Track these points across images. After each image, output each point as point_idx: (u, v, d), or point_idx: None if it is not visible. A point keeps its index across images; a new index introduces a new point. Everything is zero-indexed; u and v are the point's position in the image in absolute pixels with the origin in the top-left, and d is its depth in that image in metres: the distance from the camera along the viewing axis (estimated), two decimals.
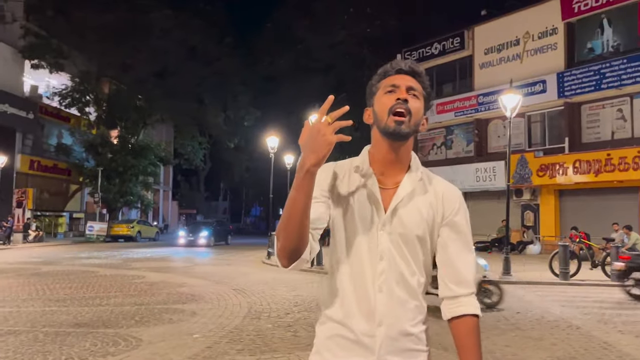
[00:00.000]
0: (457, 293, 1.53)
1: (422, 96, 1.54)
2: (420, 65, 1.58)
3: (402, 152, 1.52)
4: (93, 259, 18.44)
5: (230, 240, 30.76)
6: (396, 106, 1.46)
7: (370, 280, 1.46)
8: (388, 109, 1.47)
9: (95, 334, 6.49)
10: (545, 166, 22.08)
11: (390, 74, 1.53)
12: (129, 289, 10.74)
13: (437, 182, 1.59)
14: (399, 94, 1.48)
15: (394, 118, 1.46)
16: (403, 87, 1.50)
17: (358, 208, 1.49)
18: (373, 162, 1.53)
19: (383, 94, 1.52)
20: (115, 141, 35.38)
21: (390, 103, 1.48)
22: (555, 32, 23.00)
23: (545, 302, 9.65)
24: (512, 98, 13.74)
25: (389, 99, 1.49)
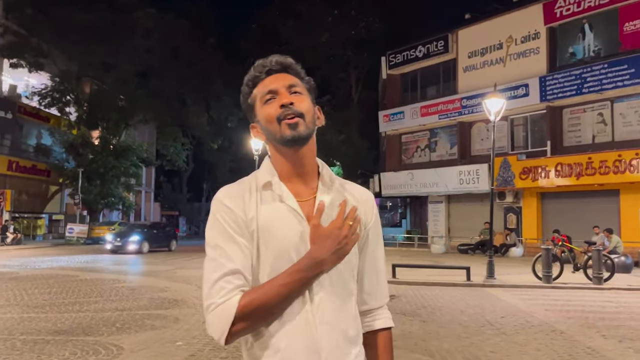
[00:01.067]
0: (374, 305, 1.42)
1: (305, 88, 1.38)
2: (288, 57, 1.40)
3: (308, 158, 1.36)
4: (73, 262, 18.11)
5: (174, 246, 25.99)
6: (284, 114, 1.30)
7: (309, 313, 1.26)
8: (276, 119, 1.31)
9: (75, 342, 6.33)
10: (527, 169, 22.29)
11: (261, 78, 1.37)
12: (110, 293, 10.54)
13: (352, 187, 1.44)
14: (281, 99, 1.32)
15: (287, 122, 1.30)
16: (282, 88, 1.33)
17: (277, 231, 1.28)
18: (281, 176, 1.35)
19: (262, 104, 1.35)
20: (97, 142, 34.88)
21: (276, 112, 1.31)
22: (538, 37, 23.26)
23: (529, 306, 9.69)
24: (496, 102, 13.82)
25: (272, 109, 1.32)
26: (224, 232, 1.27)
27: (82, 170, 32.08)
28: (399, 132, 29.40)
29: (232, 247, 1.25)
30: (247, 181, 1.37)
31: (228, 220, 1.27)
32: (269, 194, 1.32)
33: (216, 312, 1.20)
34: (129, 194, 38.66)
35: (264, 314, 1.22)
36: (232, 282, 1.22)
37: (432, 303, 9.93)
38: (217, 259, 1.25)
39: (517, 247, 22.30)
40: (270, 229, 1.28)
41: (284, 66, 1.37)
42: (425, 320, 8.22)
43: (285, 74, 1.36)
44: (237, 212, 1.28)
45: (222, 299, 1.21)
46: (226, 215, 1.28)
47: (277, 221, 1.29)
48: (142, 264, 18.19)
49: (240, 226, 1.27)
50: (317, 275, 1.24)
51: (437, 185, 25.76)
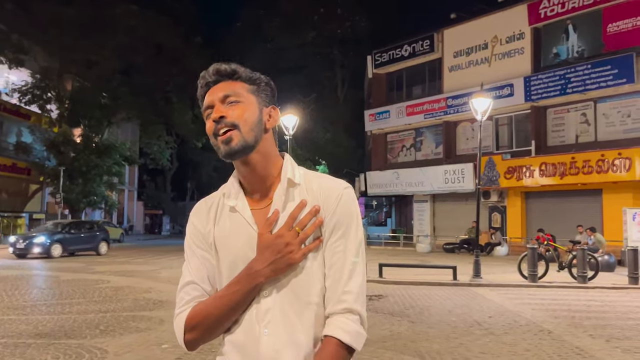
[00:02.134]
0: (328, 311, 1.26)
1: (248, 90, 1.33)
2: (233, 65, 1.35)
3: (261, 165, 1.31)
4: (54, 262, 17.77)
5: (105, 249, 22.32)
6: (217, 129, 1.28)
7: (255, 324, 1.24)
8: (213, 135, 1.30)
9: (57, 346, 6.16)
10: (512, 168, 22.45)
11: (202, 92, 1.35)
12: (93, 294, 10.34)
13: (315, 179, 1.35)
14: (213, 115, 1.29)
15: (220, 139, 1.27)
16: (216, 102, 1.30)
17: (230, 242, 1.29)
18: (244, 185, 1.34)
19: (205, 117, 1.33)
20: (79, 140, 34.33)
21: (211, 128, 1.29)
22: (522, 37, 23.43)
23: (516, 305, 9.72)
24: (482, 101, 13.85)
25: (209, 124, 1.30)
26: (188, 246, 1.36)
27: (63, 169, 31.54)
28: (385, 131, 29.42)
29: (193, 260, 1.33)
30: (216, 194, 1.39)
31: (191, 235, 1.35)
32: (227, 206, 1.33)
33: (175, 322, 1.30)
34: (111, 192, 38.14)
35: (208, 325, 1.25)
36: (190, 294, 1.29)
37: (419, 303, 9.91)
38: (183, 271, 1.35)
39: (502, 246, 22.46)
40: (224, 240, 1.31)
41: (220, 74, 1.33)
42: (414, 320, 8.18)
43: (222, 84, 1.32)
44: (198, 227, 1.35)
45: (179, 309, 1.30)
46: (190, 231, 1.36)
47: (232, 232, 1.30)
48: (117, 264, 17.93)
49: (200, 240, 1.34)
50: (255, 287, 1.22)
51: (423, 185, 25.83)
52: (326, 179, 1.36)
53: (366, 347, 6.37)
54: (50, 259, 19.35)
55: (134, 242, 34.11)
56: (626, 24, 20.32)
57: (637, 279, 12.18)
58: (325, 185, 1.33)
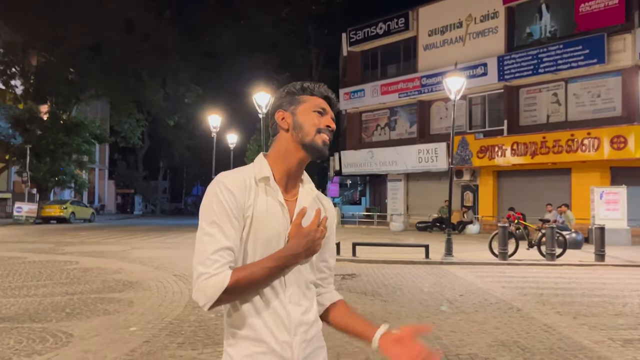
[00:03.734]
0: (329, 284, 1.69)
1: None
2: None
3: (302, 170, 1.59)
4: (21, 243, 17.34)
5: None
6: (325, 132, 1.54)
7: (281, 292, 1.47)
8: (317, 129, 1.53)
9: (21, 330, 5.97)
10: (485, 148, 22.68)
11: (317, 94, 1.59)
12: (60, 276, 10.10)
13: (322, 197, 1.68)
14: (329, 121, 1.56)
15: (322, 137, 1.53)
16: (330, 115, 1.57)
17: (268, 222, 1.48)
18: (275, 174, 1.54)
19: (311, 110, 1.55)
20: (45, 117, 33.36)
21: (320, 124, 1.54)
22: (497, 16, 23.47)
23: (487, 283, 9.85)
24: (456, 80, 13.84)
25: (319, 120, 1.54)
26: (224, 212, 1.42)
27: (30, 147, 30.68)
28: (360, 110, 29.35)
29: (229, 227, 1.42)
30: (247, 172, 1.52)
31: (230, 204, 1.43)
32: (264, 188, 1.50)
33: (209, 282, 1.37)
34: (81, 171, 37.34)
35: (248, 289, 1.42)
36: (225, 258, 1.39)
37: (392, 282, 9.96)
38: (214, 234, 1.41)
39: (474, 224, 22.78)
40: (262, 219, 1.46)
41: (332, 102, 1.62)
42: (386, 299, 8.21)
43: (330, 109, 1.60)
44: (238, 197, 1.44)
45: (217, 270, 1.37)
46: (228, 198, 1.43)
47: (269, 213, 1.47)
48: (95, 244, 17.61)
49: (238, 210, 1.44)
50: (293, 265, 1.47)
51: (397, 164, 25.93)
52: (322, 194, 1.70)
53: None
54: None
55: (105, 222, 33.53)
56: (598, 4, 20.50)
57: (603, 256, 12.48)
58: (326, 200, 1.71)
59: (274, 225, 1.47)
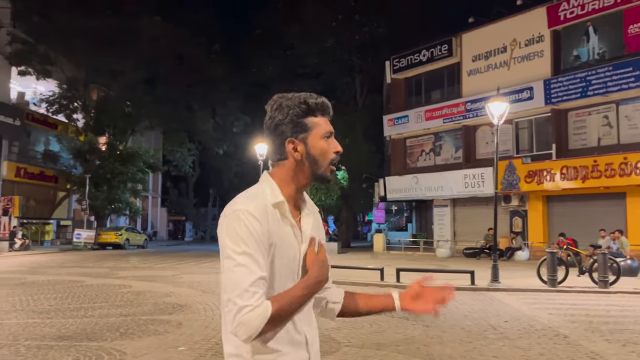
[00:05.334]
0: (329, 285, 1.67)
1: None
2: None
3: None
4: (80, 267, 18.22)
5: None
6: (336, 160, 1.55)
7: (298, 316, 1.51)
8: (329, 159, 1.54)
9: (79, 348, 6.38)
10: (533, 172, 22.22)
11: (321, 115, 1.55)
12: (115, 299, 10.61)
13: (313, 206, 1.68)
14: (336, 147, 1.55)
15: (332, 167, 1.55)
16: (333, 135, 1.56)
17: (285, 246, 1.48)
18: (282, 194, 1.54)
19: (321, 137, 1.53)
20: (104, 148, 35.14)
21: (331, 153, 1.54)
22: (542, 40, 23.23)
23: (533, 310, 9.66)
24: (499, 105, 13.80)
25: (329, 146, 1.54)
26: (254, 241, 1.39)
27: (89, 176, 32.29)
28: (404, 135, 29.42)
29: (260, 256, 1.39)
30: (261, 197, 1.48)
31: (258, 231, 1.40)
32: (278, 213, 1.48)
33: (252, 314, 1.34)
34: (135, 199, 38.87)
35: (287, 318, 1.43)
36: (262, 288, 1.37)
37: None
38: (248, 265, 1.37)
39: (523, 250, 22.21)
40: (281, 244, 1.46)
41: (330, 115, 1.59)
42: (428, 324, 8.21)
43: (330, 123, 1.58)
44: (264, 226, 1.42)
45: (257, 302, 1.35)
46: (256, 226, 1.41)
47: (285, 237, 1.48)
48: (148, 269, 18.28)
49: (265, 238, 1.42)
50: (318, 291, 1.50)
51: (442, 189, 25.72)
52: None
53: (379, 351, 6.46)
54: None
55: (157, 248, 34.63)
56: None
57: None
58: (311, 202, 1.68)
59: (290, 248, 1.49)
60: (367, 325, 7.99)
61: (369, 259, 22.23)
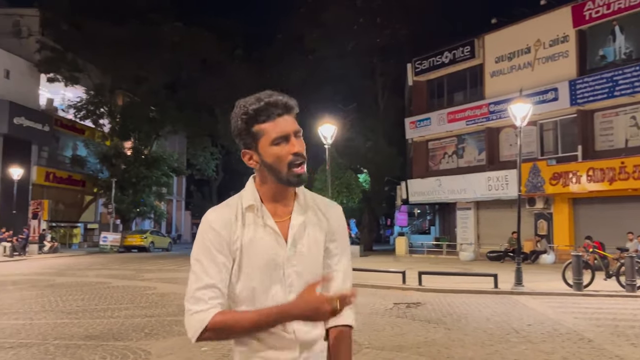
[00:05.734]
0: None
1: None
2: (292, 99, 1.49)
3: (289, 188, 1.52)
4: (106, 269, 18.60)
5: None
6: (295, 162, 1.44)
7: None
8: (287, 164, 1.44)
9: (105, 347, 6.55)
10: (558, 174, 21.88)
11: (272, 118, 1.44)
12: (140, 300, 10.82)
13: (320, 201, 1.58)
14: (293, 148, 1.44)
15: (295, 172, 1.45)
16: (292, 135, 1.45)
17: (259, 248, 1.45)
18: (263, 198, 1.51)
19: (270, 144, 1.44)
20: (129, 152, 35.79)
21: (287, 157, 1.44)
22: (567, 40, 22.89)
23: (558, 314, 9.53)
24: (521, 107, 13.67)
25: (283, 152, 1.44)
26: (207, 251, 1.43)
27: (115, 180, 32.91)
28: (426, 138, 29.26)
29: (211, 265, 1.42)
30: (233, 203, 1.51)
31: (213, 242, 1.43)
32: (252, 216, 1.48)
33: (192, 318, 1.38)
34: (160, 202, 39.45)
35: (229, 334, 1.42)
36: (207, 295, 1.39)
37: (457, 310, 9.86)
38: (197, 272, 1.43)
39: (548, 254, 21.87)
40: (252, 247, 1.45)
41: (290, 108, 1.47)
42: (450, 327, 8.18)
43: (290, 117, 1.47)
44: (223, 235, 1.44)
45: (199, 308, 1.38)
46: (211, 236, 1.44)
47: (259, 240, 1.45)
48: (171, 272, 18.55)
49: (223, 247, 1.43)
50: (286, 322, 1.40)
51: (466, 192, 25.49)
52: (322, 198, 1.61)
53: (399, 353, 6.47)
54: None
55: (181, 251, 35.03)
56: None
57: None
58: (326, 204, 1.58)
59: (265, 250, 1.45)
60: (388, 328, 8.00)
61: (391, 262, 22.16)
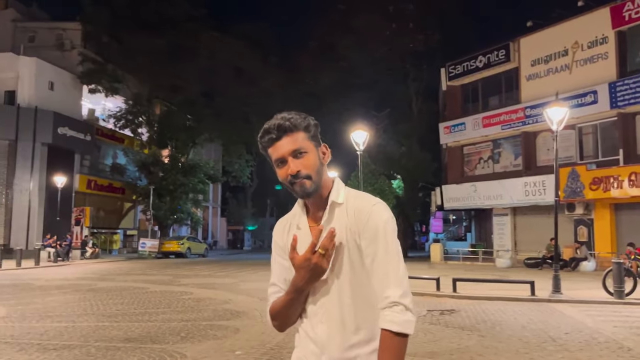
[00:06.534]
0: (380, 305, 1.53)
1: (306, 138, 1.59)
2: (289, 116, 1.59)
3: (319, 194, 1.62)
4: (144, 275, 19.07)
5: None
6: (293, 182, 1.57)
7: (313, 313, 1.62)
8: (288, 183, 1.59)
9: (143, 349, 6.75)
10: (598, 179, 21.29)
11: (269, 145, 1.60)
12: (177, 305, 11.07)
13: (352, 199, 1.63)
14: (288, 169, 1.56)
15: (295, 188, 1.58)
16: (287, 156, 1.56)
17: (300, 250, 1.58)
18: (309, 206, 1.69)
19: (276, 166, 1.61)
20: (166, 160, 36.62)
21: (287, 178, 1.58)
22: (606, 41, 22.31)
23: (597, 322, 9.29)
24: (558, 111, 13.40)
25: (283, 173, 1.59)
26: (273, 256, 1.76)
27: (153, 188, 33.70)
28: (461, 143, 28.92)
29: (274, 266, 1.75)
30: (290, 212, 1.76)
31: (274, 248, 1.76)
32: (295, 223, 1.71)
33: (266, 310, 1.73)
34: (196, 209, 40.16)
35: (278, 316, 1.67)
36: (271, 290, 1.73)
37: (492, 318, 9.73)
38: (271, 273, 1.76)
39: (589, 261, 21.25)
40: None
41: (283, 130, 1.56)
42: (484, 335, 8.08)
43: (287, 139, 1.56)
44: (278, 241, 1.74)
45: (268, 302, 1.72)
46: (273, 243, 1.77)
47: (300, 244, 1.59)
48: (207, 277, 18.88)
49: (280, 251, 1.72)
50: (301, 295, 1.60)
51: (502, 197, 25.06)
52: (360, 199, 1.63)
53: (432, 359, 6.44)
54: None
55: (217, 257, 35.59)
56: None
57: None
58: (358, 204, 1.60)
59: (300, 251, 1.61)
60: (421, 335, 7.96)
61: (425, 269, 21.95)
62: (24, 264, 21.63)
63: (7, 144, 29.45)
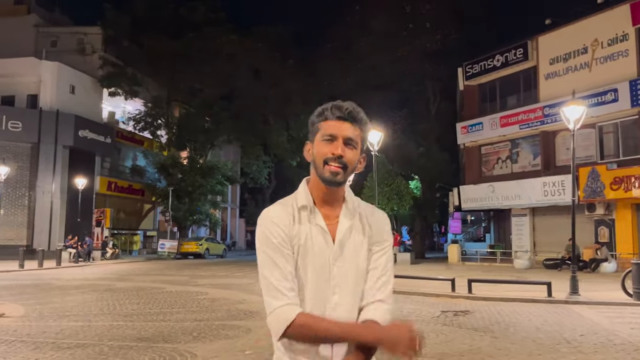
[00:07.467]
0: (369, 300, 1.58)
1: (360, 137, 1.59)
2: (360, 110, 1.59)
3: (339, 192, 1.61)
4: (162, 275, 19.30)
5: None
6: (331, 161, 1.53)
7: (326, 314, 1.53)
8: (324, 160, 1.54)
9: (155, 349, 6.85)
10: (619, 179, 20.89)
11: (330, 118, 1.56)
12: (192, 305, 11.19)
13: (364, 207, 1.67)
14: (335, 149, 1.54)
15: (329, 169, 1.53)
16: (340, 138, 1.54)
17: (313, 246, 1.55)
18: (315, 200, 1.61)
19: (321, 139, 1.57)
20: (185, 162, 36.99)
21: (327, 154, 1.54)
22: (626, 39, 21.90)
23: (614, 324, 9.13)
24: (574, 109, 13.20)
25: (326, 148, 1.55)
26: (273, 244, 1.53)
27: (172, 189, 34.08)
28: (478, 143, 28.65)
29: (281, 258, 1.52)
30: (288, 202, 1.62)
31: (276, 234, 1.53)
32: (306, 215, 1.58)
33: (275, 315, 1.48)
34: (215, 210, 40.47)
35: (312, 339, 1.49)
36: (283, 285, 1.50)
37: (507, 319, 9.63)
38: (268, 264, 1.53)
39: (609, 262, 20.86)
40: (306, 246, 1.55)
41: (351, 117, 1.57)
42: (497, 336, 8.01)
43: (350, 125, 1.56)
44: (283, 228, 1.54)
45: (280, 303, 1.48)
46: (274, 231, 1.54)
47: (313, 240, 1.55)
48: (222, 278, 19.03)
49: (287, 241, 1.54)
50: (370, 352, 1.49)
51: (520, 198, 24.74)
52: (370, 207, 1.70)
53: None
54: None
55: (235, 258, 35.81)
56: None
57: None
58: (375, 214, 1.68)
59: (319, 251, 1.54)
60: (433, 336, 7.93)
61: (442, 270, 21.79)
62: (45, 265, 22.06)
63: (29, 147, 30.09)
